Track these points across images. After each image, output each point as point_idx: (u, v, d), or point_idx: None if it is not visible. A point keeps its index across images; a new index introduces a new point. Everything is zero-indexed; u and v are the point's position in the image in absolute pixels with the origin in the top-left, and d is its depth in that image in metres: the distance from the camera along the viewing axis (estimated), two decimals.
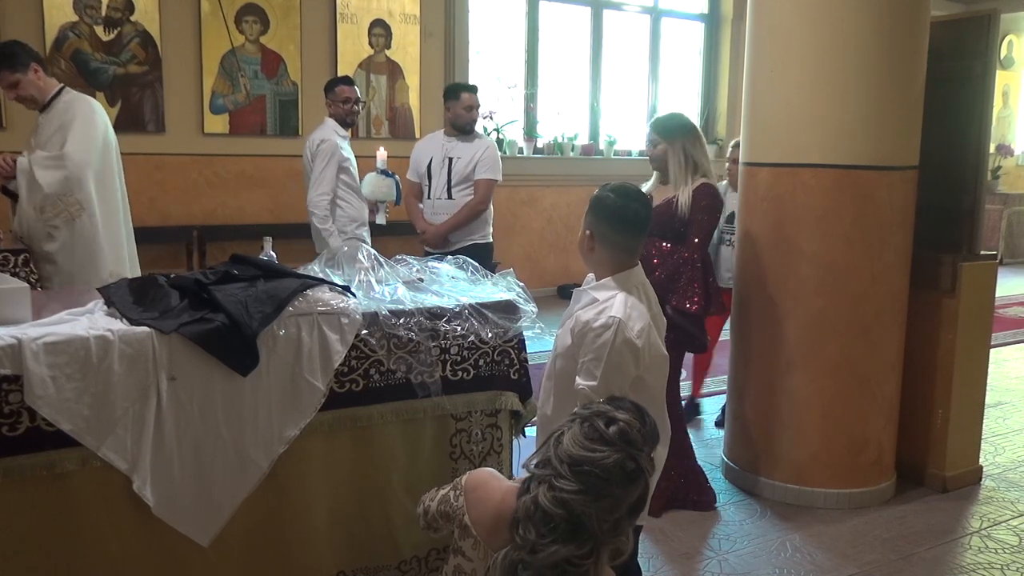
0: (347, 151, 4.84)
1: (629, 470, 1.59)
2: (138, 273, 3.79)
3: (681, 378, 5.55)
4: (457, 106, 4.59)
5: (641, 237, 2.38)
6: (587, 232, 2.33)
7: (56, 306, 2.42)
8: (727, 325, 4.60)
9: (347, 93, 4.84)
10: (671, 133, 3.58)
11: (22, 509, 2.14)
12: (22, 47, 3.73)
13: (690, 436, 3.77)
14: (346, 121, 4.87)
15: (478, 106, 4.67)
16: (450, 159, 4.59)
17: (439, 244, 4.58)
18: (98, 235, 3.64)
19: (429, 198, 4.64)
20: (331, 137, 4.79)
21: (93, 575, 2.24)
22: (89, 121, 3.67)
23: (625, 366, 2.21)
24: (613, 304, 2.24)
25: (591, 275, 2.46)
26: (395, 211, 5.28)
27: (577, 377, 2.24)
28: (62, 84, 3.82)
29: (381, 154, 4.65)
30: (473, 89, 4.69)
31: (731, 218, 4.28)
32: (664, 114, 3.79)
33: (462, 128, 4.63)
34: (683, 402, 4.65)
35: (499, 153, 4.82)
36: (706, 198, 3.50)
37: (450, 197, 4.58)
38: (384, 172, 4.65)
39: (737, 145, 4.52)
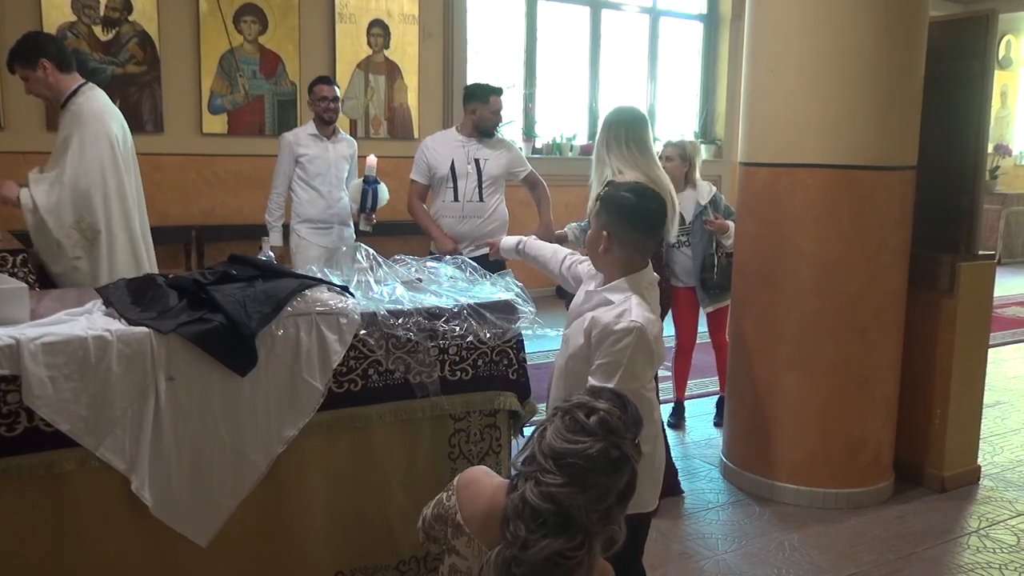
0: (311, 148, 4.88)
1: (613, 458, 1.59)
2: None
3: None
4: (485, 109, 4.47)
5: (657, 237, 2.41)
6: (604, 233, 2.30)
7: (54, 306, 2.42)
8: (704, 327, 4.64)
9: (324, 92, 4.88)
10: (603, 127, 3.53)
11: (21, 509, 2.14)
12: (38, 42, 3.47)
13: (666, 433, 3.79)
14: (323, 119, 4.92)
15: (503, 108, 4.61)
16: (477, 160, 4.49)
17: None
18: (117, 253, 3.44)
19: (457, 200, 4.47)
20: (288, 135, 4.98)
21: (92, 575, 2.24)
22: (92, 134, 3.42)
23: (641, 371, 2.22)
24: (631, 308, 2.23)
25: (591, 271, 2.47)
26: (393, 212, 5.26)
27: (591, 378, 2.22)
28: (83, 81, 3.55)
29: (370, 160, 4.65)
30: (500, 92, 4.59)
31: (681, 220, 4.16)
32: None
33: (486, 131, 4.52)
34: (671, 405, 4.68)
35: None
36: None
37: (481, 199, 4.48)
38: (364, 178, 4.66)
39: (670, 144, 4.47)
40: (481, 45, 8.10)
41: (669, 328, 3.90)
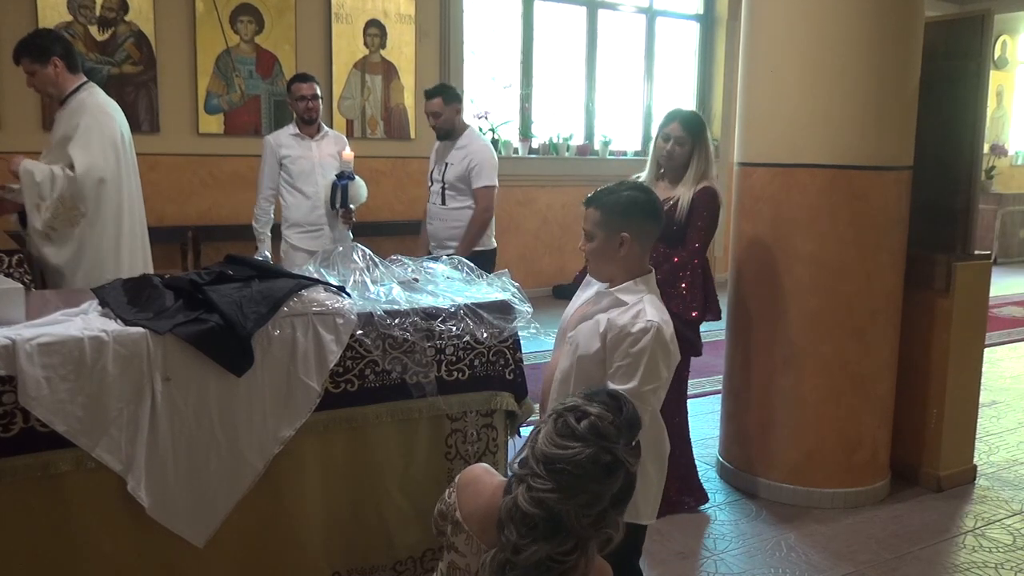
0: (293, 148, 4.70)
1: (604, 463, 1.58)
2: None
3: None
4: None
5: (662, 225, 2.44)
6: (623, 235, 2.27)
7: (50, 306, 2.42)
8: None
9: (302, 90, 4.68)
10: (699, 133, 3.48)
11: (16, 510, 2.13)
12: (52, 40, 3.63)
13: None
14: (304, 119, 4.72)
15: (441, 113, 4.49)
16: (446, 164, 4.53)
17: None
18: (103, 245, 3.55)
19: (431, 202, 4.61)
20: (270, 137, 4.81)
21: None
22: (98, 125, 3.54)
23: (659, 370, 2.21)
24: (645, 308, 2.22)
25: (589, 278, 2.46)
26: (391, 212, 5.26)
27: (610, 382, 2.19)
28: (85, 80, 3.67)
29: (345, 155, 4.55)
30: (428, 95, 4.56)
31: None
32: (688, 111, 3.60)
33: (440, 136, 4.58)
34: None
35: (493, 153, 4.63)
36: (712, 201, 3.43)
37: (443, 203, 4.53)
38: (338, 174, 4.58)
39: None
40: (478, 45, 8.10)
41: None
